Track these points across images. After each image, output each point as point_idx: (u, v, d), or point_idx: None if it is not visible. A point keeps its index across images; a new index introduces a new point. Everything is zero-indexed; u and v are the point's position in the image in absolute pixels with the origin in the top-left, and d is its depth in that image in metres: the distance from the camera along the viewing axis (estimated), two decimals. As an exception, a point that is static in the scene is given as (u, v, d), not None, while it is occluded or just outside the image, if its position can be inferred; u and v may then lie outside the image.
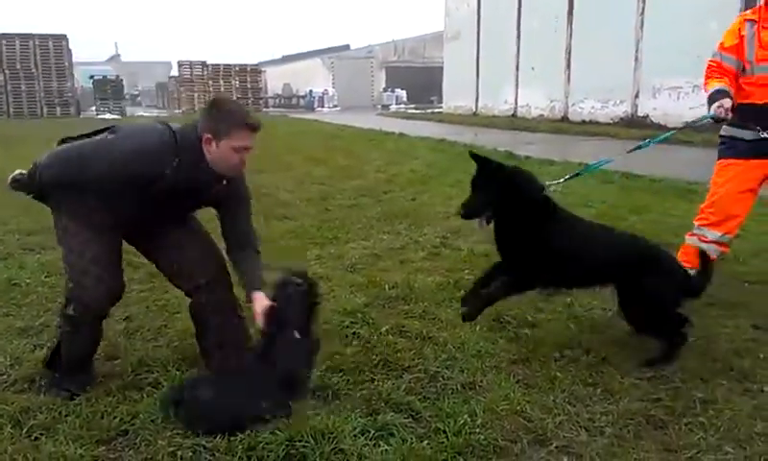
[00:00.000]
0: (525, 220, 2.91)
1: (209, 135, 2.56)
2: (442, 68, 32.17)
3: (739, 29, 3.56)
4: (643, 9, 17.61)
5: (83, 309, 2.58)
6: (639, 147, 3.86)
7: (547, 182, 3.08)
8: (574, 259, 2.94)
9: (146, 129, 2.73)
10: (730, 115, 3.43)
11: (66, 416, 2.42)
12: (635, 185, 7.92)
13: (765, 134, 3.43)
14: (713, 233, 3.63)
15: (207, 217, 2.91)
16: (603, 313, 3.49)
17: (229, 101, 2.91)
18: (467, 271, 4.27)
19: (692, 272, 3.15)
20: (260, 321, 2.59)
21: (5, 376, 2.78)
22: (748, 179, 3.56)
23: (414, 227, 5.66)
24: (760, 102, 3.48)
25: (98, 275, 2.57)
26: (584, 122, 19.66)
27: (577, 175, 3.68)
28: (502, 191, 2.87)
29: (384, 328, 3.22)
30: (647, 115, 17.62)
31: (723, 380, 2.69)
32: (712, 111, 3.44)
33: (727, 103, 3.38)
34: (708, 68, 3.66)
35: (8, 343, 3.11)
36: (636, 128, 16.62)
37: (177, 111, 38.00)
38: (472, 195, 2.96)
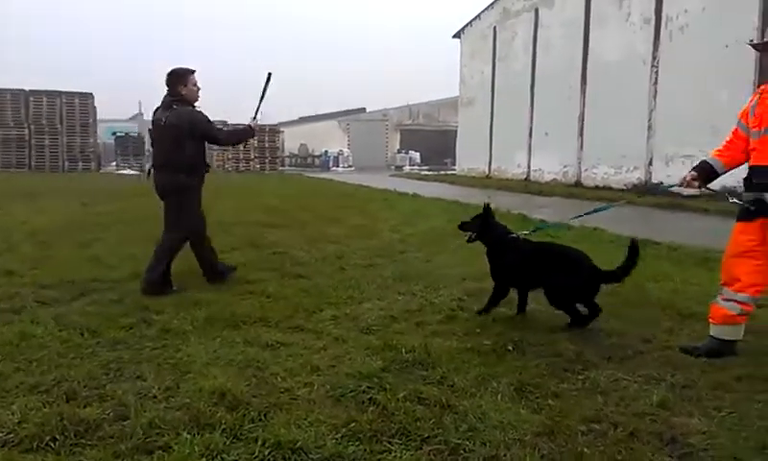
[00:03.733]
0: (494, 248, 4.78)
1: (182, 86, 5.34)
2: (455, 132, 32.71)
3: (751, 99, 3.86)
4: (656, 79, 17.91)
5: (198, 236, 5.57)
6: (596, 211, 5.23)
7: (516, 233, 4.88)
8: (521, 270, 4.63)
9: (181, 109, 5.34)
10: (693, 185, 4.03)
11: (72, 479, 2.33)
12: (653, 253, 7.80)
13: (733, 200, 3.84)
14: (726, 291, 3.82)
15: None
16: (628, 383, 3.36)
17: (175, 68, 5.40)
18: (484, 336, 4.16)
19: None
20: None
21: (12, 435, 2.69)
22: (740, 241, 3.75)
23: (429, 288, 5.58)
24: (751, 165, 3.74)
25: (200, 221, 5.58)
26: (597, 187, 19.70)
27: (538, 229, 5.97)
28: (483, 227, 4.84)
29: (401, 394, 3.11)
30: (661, 182, 17.64)
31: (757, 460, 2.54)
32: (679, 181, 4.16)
33: (689, 176, 4.04)
34: (729, 134, 4.01)
35: (17, 399, 3.04)
36: (651, 195, 16.60)
37: (194, 168, 38.63)
38: (470, 221, 4.94)
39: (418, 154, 45.41)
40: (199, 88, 5.46)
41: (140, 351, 3.86)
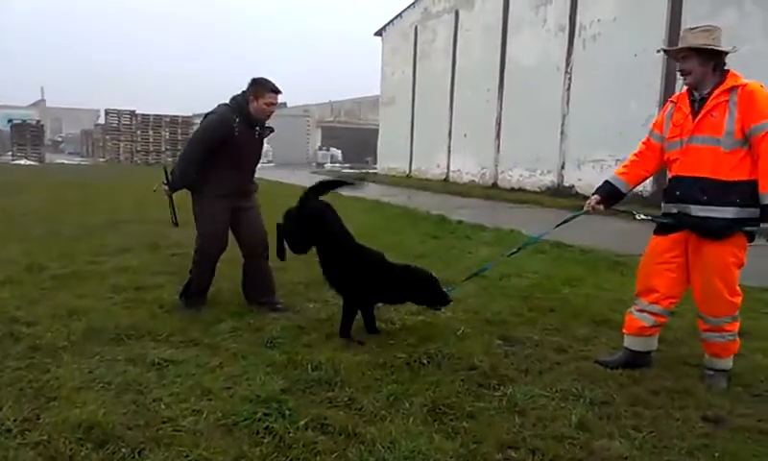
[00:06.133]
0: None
1: (252, 97, 4.46)
2: (377, 130, 32.53)
3: (665, 108, 3.73)
4: (569, 85, 18.44)
5: (202, 255, 4.62)
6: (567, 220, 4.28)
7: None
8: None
9: (217, 109, 4.55)
10: (598, 209, 3.81)
11: None
12: (566, 256, 7.86)
13: (641, 217, 3.78)
14: (641, 302, 3.69)
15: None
16: (546, 401, 3.18)
17: (261, 78, 4.55)
18: (398, 348, 3.88)
19: None
20: None
21: None
22: (657, 252, 3.62)
23: (343, 295, 5.25)
24: (673, 176, 3.57)
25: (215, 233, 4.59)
26: (513, 189, 20.10)
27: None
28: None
29: (303, 422, 2.77)
30: (572, 186, 18.19)
31: (682, 487, 2.40)
32: (584, 207, 3.89)
33: (593, 200, 3.82)
34: (640, 145, 3.84)
35: None
36: (563, 197, 17.09)
37: (101, 160, 36.54)
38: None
39: (339, 151, 45.00)
40: (271, 111, 4.62)
41: (0, 372, 3.31)
